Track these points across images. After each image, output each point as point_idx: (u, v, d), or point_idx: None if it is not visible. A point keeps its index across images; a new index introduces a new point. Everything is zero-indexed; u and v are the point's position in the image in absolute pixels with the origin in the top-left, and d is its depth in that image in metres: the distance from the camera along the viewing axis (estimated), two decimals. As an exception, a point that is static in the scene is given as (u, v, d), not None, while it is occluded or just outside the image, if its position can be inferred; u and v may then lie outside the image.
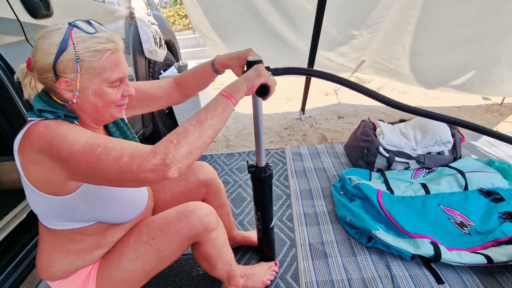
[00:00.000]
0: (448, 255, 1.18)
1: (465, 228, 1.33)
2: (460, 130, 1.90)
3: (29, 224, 1.08)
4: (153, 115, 2.19)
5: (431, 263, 1.22)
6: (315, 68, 2.42)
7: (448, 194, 1.51)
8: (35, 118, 0.66)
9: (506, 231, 1.25)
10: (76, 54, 0.64)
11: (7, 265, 0.97)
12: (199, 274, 1.24)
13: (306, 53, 2.33)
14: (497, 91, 2.62)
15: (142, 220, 0.92)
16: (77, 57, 0.64)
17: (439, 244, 1.22)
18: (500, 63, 2.30)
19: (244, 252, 1.35)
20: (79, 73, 0.65)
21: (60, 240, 0.77)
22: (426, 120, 1.89)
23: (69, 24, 0.66)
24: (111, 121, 0.82)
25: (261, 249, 1.26)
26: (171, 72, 2.29)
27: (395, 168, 1.78)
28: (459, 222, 1.36)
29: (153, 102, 0.97)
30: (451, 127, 1.88)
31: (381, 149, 1.77)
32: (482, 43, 2.21)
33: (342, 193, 1.63)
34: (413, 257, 1.25)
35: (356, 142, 1.94)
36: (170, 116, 2.47)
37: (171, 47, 2.73)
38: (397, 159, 1.76)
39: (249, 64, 0.83)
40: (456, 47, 2.30)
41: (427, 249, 1.20)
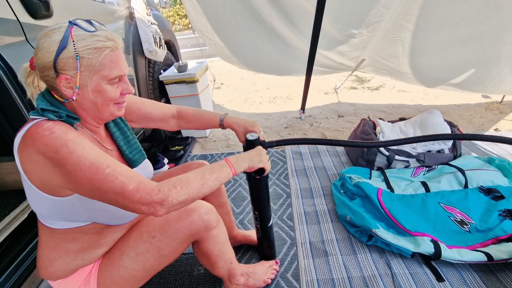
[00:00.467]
0: (448, 253, 1.18)
1: (465, 226, 1.33)
2: (460, 128, 1.91)
3: (30, 224, 1.08)
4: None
5: (432, 261, 1.22)
6: (315, 67, 2.42)
7: (448, 192, 1.51)
8: (38, 117, 0.67)
9: (506, 228, 1.25)
10: (76, 51, 0.65)
11: (8, 265, 0.97)
12: (200, 273, 1.25)
13: (306, 52, 2.33)
14: (497, 89, 2.62)
15: (142, 219, 0.93)
16: (76, 55, 0.65)
17: (439, 242, 1.23)
18: (499, 62, 2.30)
19: (244, 251, 1.36)
20: (78, 70, 0.66)
21: (59, 239, 0.78)
22: (426, 118, 1.89)
23: (70, 22, 0.67)
24: (111, 119, 0.83)
25: (261, 248, 1.26)
26: (171, 72, 2.29)
27: (395, 166, 1.78)
28: (459, 220, 1.36)
29: (150, 122, 1.03)
30: (451, 125, 1.88)
31: (381, 148, 1.77)
32: (481, 42, 2.21)
33: (342, 191, 1.64)
34: (414, 255, 1.25)
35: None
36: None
37: (171, 47, 2.73)
38: (397, 157, 1.76)
39: (248, 142, 0.95)
40: (455, 46, 2.30)
41: (427, 247, 1.20)
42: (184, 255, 1.33)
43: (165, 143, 2.26)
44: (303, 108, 2.82)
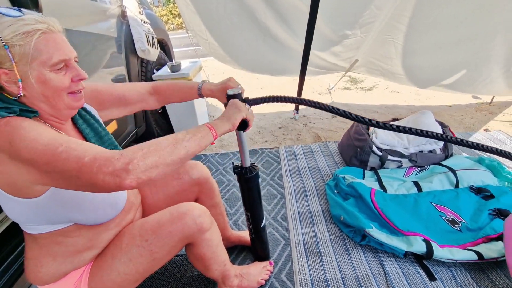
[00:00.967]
0: (440, 252, 1.20)
1: (456, 225, 1.35)
2: (451, 128, 1.93)
3: (17, 228, 1.05)
4: (146, 114, 2.16)
5: (424, 260, 1.23)
6: (308, 68, 2.43)
7: (439, 191, 1.53)
8: None
9: (496, 227, 1.27)
10: (2, 40, 0.60)
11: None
12: (193, 275, 1.23)
13: (299, 52, 2.34)
14: (487, 90, 2.67)
15: (131, 219, 0.91)
16: (4, 44, 0.60)
17: (431, 241, 1.24)
18: (490, 63, 2.34)
19: (238, 252, 1.35)
20: (13, 61, 0.61)
21: (43, 244, 0.75)
22: (418, 118, 1.91)
23: None
24: (74, 113, 0.77)
25: (255, 249, 1.26)
26: (164, 71, 2.27)
27: (388, 166, 1.80)
28: (451, 219, 1.38)
29: (129, 105, 0.98)
30: (443, 125, 1.91)
31: (374, 148, 1.78)
32: (472, 43, 2.25)
33: (336, 191, 1.64)
34: (406, 255, 1.26)
35: (349, 141, 1.96)
36: (163, 115, 2.45)
37: (164, 46, 2.70)
38: (390, 157, 1.78)
39: (229, 97, 0.88)
40: (447, 47, 2.33)
41: (419, 247, 1.22)
42: (177, 257, 1.31)
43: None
44: (297, 108, 2.83)
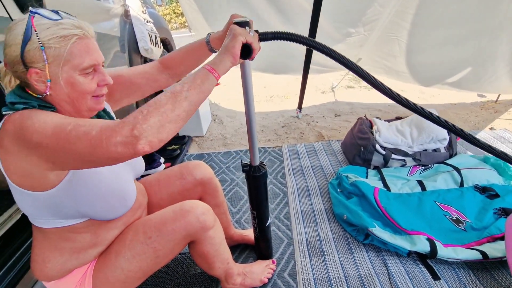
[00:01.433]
0: (444, 251, 1.19)
1: (460, 224, 1.34)
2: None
3: (24, 224, 1.07)
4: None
5: (427, 259, 1.23)
6: (311, 66, 2.42)
7: (444, 190, 1.52)
8: (9, 112, 0.65)
9: (501, 227, 1.26)
10: (40, 41, 0.62)
11: (2, 265, 0.96)
12: (197, 273, 1.24)
13: (302, 51, 2.33)
14: (492, 88, 2.64)
15: (137, 219, 0.92)
16: (41, 45, 0.62)
17: (435, 240, 1.23)
18: (495, 60, 2.32)
19: (241, 250, 1.35)
20: (46, 62, 0.63)
21: (52, 239, 0.76)
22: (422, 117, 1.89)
23: (31, 12, 0.64)
24: (91, 114, 0.76)
25: (258, 248, 1.26)
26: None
27: (391, 165, 1.79)
28: (455, 218, 1.37)
29: (139, 90, 0.92)
30: (447, 124, 1.89)
31: (378, 147, 1.77)
32: (477, 40, 2.22)
33: (339, 190, 1.64)
34: (410, 254, 1.25)
35: (353, 139, 1.95)
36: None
37: (167, 45, 2.70)
38: (393, 156, 1.77)
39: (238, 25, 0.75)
40: (452, 45, 2.31)
41: (423, 246, 1.21)
42: (180, 255, 1.32)
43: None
44: (300, 107, 2.82)
